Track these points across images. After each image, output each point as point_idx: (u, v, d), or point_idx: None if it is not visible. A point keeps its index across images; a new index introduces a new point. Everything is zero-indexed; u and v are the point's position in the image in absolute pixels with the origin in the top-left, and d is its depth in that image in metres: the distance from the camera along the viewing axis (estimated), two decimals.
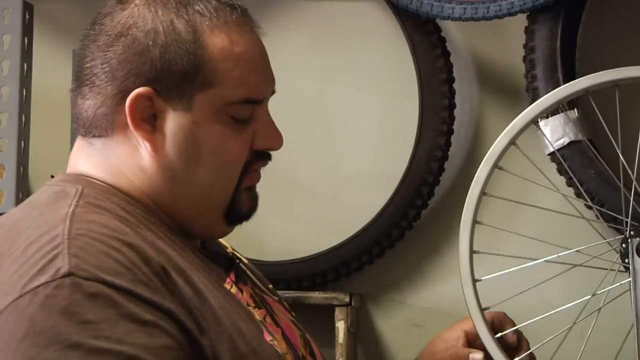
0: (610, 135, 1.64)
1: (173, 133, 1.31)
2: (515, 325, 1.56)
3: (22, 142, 2.20)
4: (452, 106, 2.22)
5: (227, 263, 1.42)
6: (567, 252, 1.62)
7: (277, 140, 1.41)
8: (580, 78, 1.61)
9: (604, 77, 1.57)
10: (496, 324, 1.58)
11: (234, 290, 1.36)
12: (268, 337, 1.33)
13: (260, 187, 2.37)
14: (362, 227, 2.25)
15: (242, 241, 2.31)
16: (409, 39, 2.23)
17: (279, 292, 2.19)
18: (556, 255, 1.61)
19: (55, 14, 2.41)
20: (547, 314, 1.57)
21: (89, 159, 1.35)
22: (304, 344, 1.41)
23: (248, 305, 1.36)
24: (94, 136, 1.34)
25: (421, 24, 2.21)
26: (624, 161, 1.65)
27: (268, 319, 1.37)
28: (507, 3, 2.06)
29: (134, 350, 1.12)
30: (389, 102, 2.32)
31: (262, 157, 1.40)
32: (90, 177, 1.34)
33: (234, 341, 1.22)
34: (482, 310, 1.54)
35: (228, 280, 1.37)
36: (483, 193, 1.57)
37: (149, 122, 1.31)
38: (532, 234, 1.77)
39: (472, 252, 1.56)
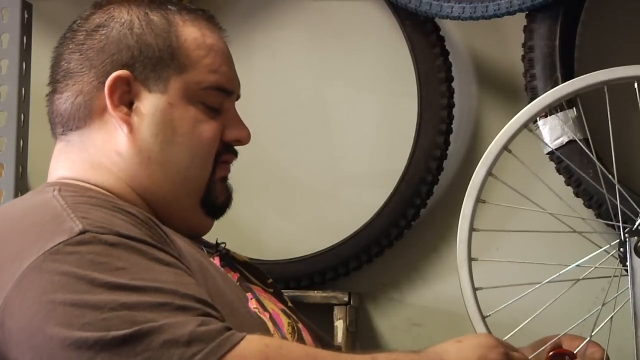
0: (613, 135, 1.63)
1: (149, 114, 1.36)
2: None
3: (21, 141, 2.20)
4: (451, 105, 2.22)
5: (211, 249, 1.47)
6: (567, 269, 1.60)
7: (245, 133, 1.46)
8: (558, 86, 1.60)
9: (591, 80, 1.56)
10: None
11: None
12: (252, 306, 1.36)
13: (259, 186, 2.38)
14: (361, 227, 2.25)
15: (241, 240, 2.32)
16: (408, 38, 2.23)
17: None
18: (557, 274, 1.60)
19: (54, 13, 2.41)
20: (562, 334, 1.56)
21: (68, 158, 1.39)
22: (292, 331, 1.43)
23: None
24: (71, 130, 1.39)
25: (420, 23, 2.21)
26: (600, 166, 1.65)
27: (254, 303, 1.39)
28: (506, 2, 2.06)
29: (172, 286, 1.16)
30: (388, 101, 2.32)
31: (229, 150, 1.45)
32: (67, 179, 1.37)
33: (213, 301, 1.24)
34: None
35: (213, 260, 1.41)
36: (472, 229, 1.56)
37: (127, 106, 1.36)
38: (529, 256, 1.76)
39: (474, 289, 1.54)
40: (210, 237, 1.63)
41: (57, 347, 1.11)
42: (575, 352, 1.53)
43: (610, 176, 1.64)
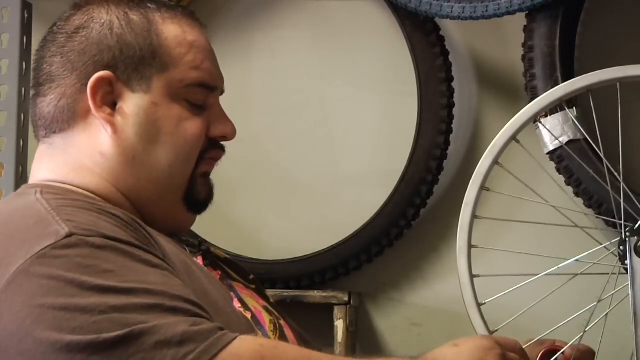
0: (602, 135, 1.63)
1: (133, 114, 1.36)
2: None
3: (21, 141, 2.20)
4: (451, 105, 2.22)
5: (193, 248, 1.46)
6: (566, 263, 1.60)
7: (230, 129, 1.45)
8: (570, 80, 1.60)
9: (604, 76, 1.57)
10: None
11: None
12: (237, 304, 1.37)
13: (259, 186, 2.38)
14: (361, 226, 2.25)
15: (241, 240, 2.32)
16: (408, 37, 2.23)
17: (278, 291, 2.19)
18: (556, 267, 1.60)
19: (54, 13, 2.38)
20: (556, 327, 1.55)
21: (51, 161, 1.38)
22: (274, 328, 1.43)
23: None
24: (54, 133, 1.38)
25: (420, 23, 2.21)
26: (608, 164, 1.65)
27: (236, 302, 1.39)
28: (506, 2, 2.06)
29: (161, 287, 1.16)
30: (388, 101, 2.32)
31: (216, 146, 1.44)
32: (49, 181, 1.36)
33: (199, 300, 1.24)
34: (491, 333, 1.53)
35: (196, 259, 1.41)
36: (475, 216, 1.56)
37: (110, 106, 1.36)
38: (528, 248, 1.76)
39: (472, 276, 1.54)
40: (210, 236, 1.63)
41: (48, 351, 1.10)
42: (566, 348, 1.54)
43: (616, 173, 1.64)
